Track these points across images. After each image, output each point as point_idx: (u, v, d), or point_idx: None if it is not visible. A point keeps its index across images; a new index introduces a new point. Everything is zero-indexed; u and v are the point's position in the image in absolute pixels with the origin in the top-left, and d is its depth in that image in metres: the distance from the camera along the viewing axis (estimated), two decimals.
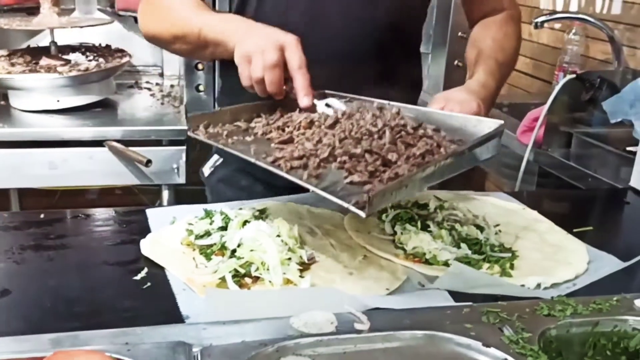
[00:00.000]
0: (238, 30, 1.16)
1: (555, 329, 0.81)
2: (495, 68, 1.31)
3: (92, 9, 2.73)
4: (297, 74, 1.09)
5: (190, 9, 1.27)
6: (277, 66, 1.08)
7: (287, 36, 1.10)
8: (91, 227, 1.11)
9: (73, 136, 2.18)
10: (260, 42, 1.10)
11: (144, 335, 0.76)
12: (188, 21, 1.25)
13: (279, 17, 1.30)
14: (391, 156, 0.96)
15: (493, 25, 1.41)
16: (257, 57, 1.09)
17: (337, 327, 0.79)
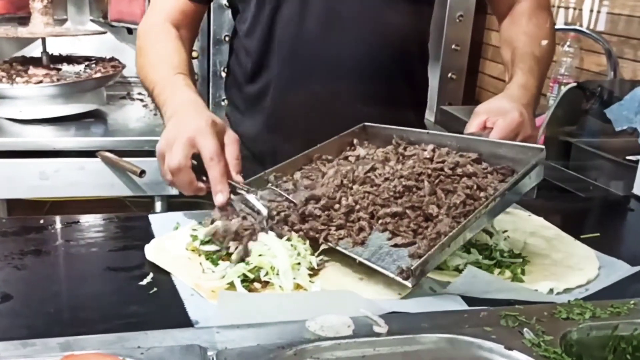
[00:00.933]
0: (167, 113, 1.10)
1: (576, 332, 0.79)
2: (534, 64, 1.25)
3: (85, 20, 2.71)
4: (209, 167, 1.01)
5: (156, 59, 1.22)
6: (181, 169, 1.01)
7: (196, 123, 1.02)
8: (92, 232, 1.08)
9: (64, 146, 2.14)
10: (169, 137, 1.03)
11: (156, 340, 0.73)
12: (149, 75, 1.21)
13: (295, 23, 1.29)
14: (432, 209, 0.96)
15: (522, 17, 1.33)
16: (166, 156, 1.02)
17: (354, 330, 0.77)
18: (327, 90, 1.31)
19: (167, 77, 1.18)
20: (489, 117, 1.13)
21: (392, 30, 1.31)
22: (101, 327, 0.79)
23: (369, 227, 0.97)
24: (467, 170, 1.02)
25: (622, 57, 2.08)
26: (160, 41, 1.27)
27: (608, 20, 2.21)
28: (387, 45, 1.31)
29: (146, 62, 1.25)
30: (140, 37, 1.31)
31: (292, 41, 1.30)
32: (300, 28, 1.28)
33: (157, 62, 1.23)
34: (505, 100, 1.17)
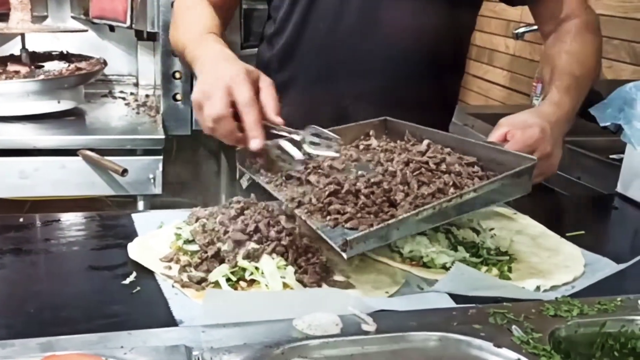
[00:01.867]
0: (200, 65, 1.10)
1: (564, 329, 0.79)
2: (572, 83, 1.21)
3: (66, 17, 2.67)
4: (243, 113, 1.00)
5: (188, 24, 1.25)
6: (222, 117, 1.00)
7: (231, 72, 1.02)
8: (74, 231, 1.06)
9: (45, 145, 2.11)
10: (205, 87, 1.03)
11: (139, 339, 0.71)
12: (180, 38, 1.24)
13: (333, 16, 1.28)
14: (398, 196, 0.96)
15: (567, 36, 1.29)
16: (206, 107, 1.02)
17: (342, 329, 0.76)
18: (355, 88, 1.31)
19: (198, 37, 1.19)
20: (510, 129, 1.11)
21: (427, 36, 1.29)
22: (83, 327, 0.77)
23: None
24: (453, 169, 1.02)
25: (604, 57, 2.10)
26: (193, 9, 1.29)
27: None
28: (421, 51, 1.30)
29: (178, 29, 1.27)
30: (175, 12, 1.35)
31: (326, 33, 1.30)
32: (337, 22, 1.28)
33: (189, 26, 1.25)
34: (531, 115, 1.15)
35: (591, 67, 1.27)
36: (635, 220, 1.34)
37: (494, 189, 0.97)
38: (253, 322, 0.76)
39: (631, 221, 1.35)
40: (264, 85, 1.05)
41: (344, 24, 1.29)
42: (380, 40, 1.29)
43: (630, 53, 2.04)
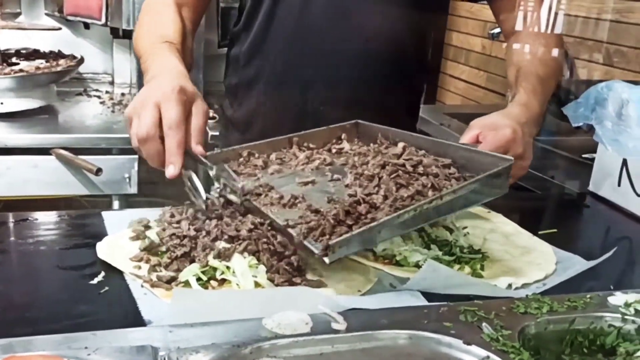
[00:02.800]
0: (148, 77, 1.07)
1: (533, 326, 0.79)
2: (537, 84, 1.22)
3: (39, 14, 2.63)
4: (166, 136, 0.96)
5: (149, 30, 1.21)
6: (147, 139, 0.95)
7: (168, 87, 0.98)
8: (42, 230, 1.04)
9: (17, 143, 2.07)
10: (137, 103, 0.99)
11: (105, 340, 0.70)
12: (139, 44, 1.20)
13: (299, 9, 1.28)
14: (376, 199, 0.96)
15: (529, 38, 1.31)
16: (134, 123, 0.98)
17: (312, 327, 0.75)
18: (322, 81, 1.31)
19: (153, 45, 1.16)
20: (482, 131, 1.11)
21: (394, 30, 1.30)
22: (48, 328, 0.75)
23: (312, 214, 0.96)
24: (430, 171, 1.02)
25: (578, 57, 2.13)
26: (157, 14, 1.26)
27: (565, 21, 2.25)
28: (387, 45, 1.30)
29: (139, 34, 1.24)
30: (140, 15, 1.31)
31: (293, 27, 1.29)
32: (303, 15, 1.28)
33: (148, 32, 1.22)
34: (502, 116, 1.15)
35: (554, 68, 1.28)
36: (606, 219, 1.35)
37: (473, 189, 0.97)
38: (222, 321, 0.75)
39: (602, 219, 1.36)
40: (196, 112, 1.01)
41: (310, 18, 1.29)
42: (346, 32, 1.29)
43: (603, 54, 2.07)
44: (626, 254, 1.19)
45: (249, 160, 1.13)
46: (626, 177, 1.31)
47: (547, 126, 1.72)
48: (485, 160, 1.03)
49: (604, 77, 1.95)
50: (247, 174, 1.09)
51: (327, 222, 0.90)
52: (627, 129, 1.22)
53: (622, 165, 1.31)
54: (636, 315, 0.84)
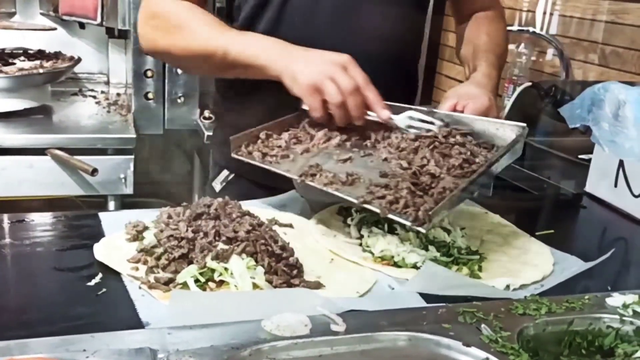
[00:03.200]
0: (278, 54, 1.14)
1: (532, 328, 0.79)
2: (495, 60, 1.35)
3: (34, 13, 2.62)
4: (367, 90, 1.09)
5: (209, 27, 1.22)
6: (356, 89, 1.08)
7: (343, 56, 1.10)
8: (39, 231, 1.04)
9: (12, 143, 2.07)
10: (322, 68, 1.09)
11: (103, 342, 0.70)
12: (210, 41, 1.20)
13: (307, 13, 1.30)
14: (434, 170, 1.04)
15: (485, 20, 1.45)
16: (328, 85, 1.08)
17: (311, 329, 0.75)
18: None
19: (236, 35, 1.20)
20: (459, 100, 1.21)
21: (397, 29, 1.35)
22: (45, 330, 0.75)
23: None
24: (458, 140, 1.11)
25: (573, 58, 2.13)
26: (195, 14, 1.25)
27: (560, 22, 2.26)
28: (391, 44, 1.35)
29: (197, 33, 1.22)
30: (165, 16, 1.27)
31: (300, 28, 1.30)
32: (312, 18, 1.30)
33: (210, 29, 1.22)
34: (473, 86, 1.27)
35: (504, 49, 1.44)
36: (603, 219, 1.36)
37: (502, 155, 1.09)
38: (220, 323, 0.75)
39: (599, 220, 1.37)
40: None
41: (317, 21, 1.29)
42: (353, 34, 1.30)
43: (598, 55, 2.08)
44: (623, 254, 1.19)
45: (267, 142, 1.17)
46: (623, 178, 1.31)
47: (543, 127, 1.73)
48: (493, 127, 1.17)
49: (599, 78, 1.95)
50: (278, 155, 1.13)
51: (404, 194, 0.96)
52: (623, 130, 1.22)
53: (619, 166, 1.31)
54: (634, 317, 0.84)
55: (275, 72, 1.13)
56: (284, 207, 1.21)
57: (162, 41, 1.27)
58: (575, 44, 2.16)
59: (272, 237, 0.96)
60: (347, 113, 1.11)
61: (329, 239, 1.08)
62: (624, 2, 2.00)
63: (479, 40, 1.40)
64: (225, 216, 0.99)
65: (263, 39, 1.19)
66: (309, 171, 1.06)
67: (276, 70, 1.12)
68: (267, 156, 1.13)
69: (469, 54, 1.40)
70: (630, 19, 1.97)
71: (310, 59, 1.11)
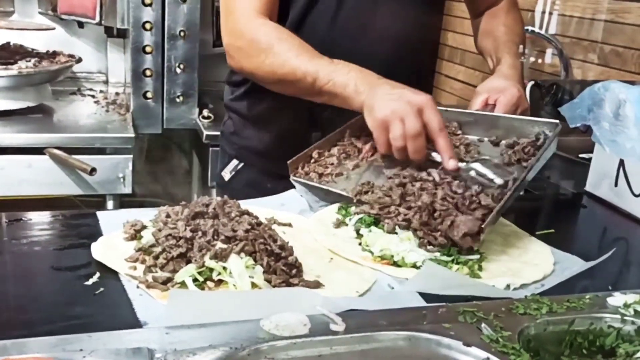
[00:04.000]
0: (364, 88, 1.14)
1: (533, 327, 0.79)
2: (516, 50, 1.39)
3: (33, 12, 2.62)
4: (439, 136, 1.09)
5: (297, 53, 1.21)
6: (420, 135, 1.08)
7: (422, 97, 1.11)
8: (36, 230, 1.03)
9: (10, 142, 2.06)
10: (396, 107, 1.09)
11: (100, 342, 0.69)
12: (298, 68, 1.20)
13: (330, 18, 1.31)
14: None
15: (500, 12, 1.47)
16: (396, 125, 1.08)
17: (310, 329, 0.75)
18: None
19: (327, 64, 1.20)
20: (490, 95, 1.25)
21: (415, 29, 1.37)
22: (43, 330, 0.74)
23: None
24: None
25: (573, 57, 2.13)
26: (283, 36, 1.24)
27: (560, 22, 2.25)
28: (411, 43, 1.37)
29: (285, 58, 1.21)
30: (249, 38, 1.26)
31: (324, 34, 1.31)
32: (334, 23, 1.31)
33: (300, 54, 1.21)
34: (502, 79, 1.30)
35: (523, 38, 1.46)
36: (603, 219, 1.35)
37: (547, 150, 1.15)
38: (219, 323, 0.74)
39: (599, 220, 1.36)
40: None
41: (340, 26, 1.31)
42: (375, 37, 1.32)
43: (598, 54, 2.07)
44: (623, 254, 1.18)
45: (320, 160, 1.23)
46: (623, 177, 1.31)
47: None
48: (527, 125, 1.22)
49: (599, 78, 1.95)
50: (333, 174, 1.19)
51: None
52: (624, 130, 1.22)
53: (619, 165, 1.31)
54: (635, 316, 0.83)
55: (358, 104, 1.15)
56: (283, 206, 1.20)
57: (247, 63, 1.27)
58: (575, 43, 2.15)
59: (271, 236, 0.95)
60: (407, 155, 1.11)
61: (328, 238, 1.08)
62: (623, 1, 1.99)
63: (498, 32, 1.42)
64: (224, 215, 0.99)
65: (352, 69, 1.18)
66: (362, 189, 1.13)
67: (359, 102, 1.15)
68: (322, 176, 1.18)
69: (490, 46, 1.42)
70: (630, 18, 1.97)
71: (391, 96, 1.11)
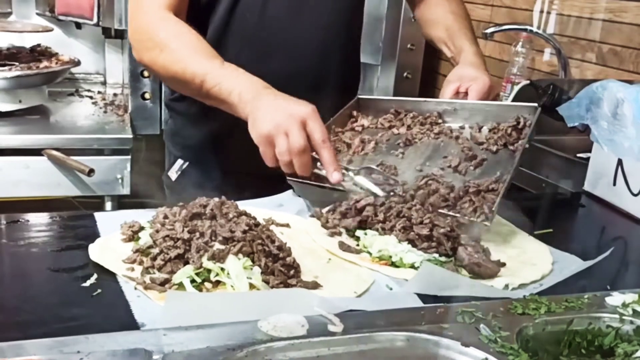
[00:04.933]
0: (250, 96, 1.11)
1: (531, 327, 0.79)
2: (472, 36, 1.42)
3: (30, 13, 2.61)
4: (322, 149, 1.07)
5: (190, 52, 1.19)
6: (305, 150, 1.06)
7: (305, 108, 1.08)
8: (33, 232, 1.03)
9: (8, 144, 2.06)
10: (279, 121, 1.07)
11: (97, 343, 0.69)
12: (189, 67, 1.17)
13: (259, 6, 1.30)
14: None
15: (441, 0, 1.48)
16: (281, 140, 1.06)
17: (308, 330, 0.74)
18: (284, 72, 1.32)
19: (217, 67, 1.17)
20: (461, 83, 1.27)
21: (343, 16, 1.37)
22: (39, 332, 0.74)
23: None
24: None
25: (571, 57, 2.13)
26: (182, 33, 1.22)
27: (558, 21, 2.25)
28: (339, 30, 1.37)
29: (177, 56, 1.19)
30: (148, 32, 1.24)
31: (254, 23, 1.30)
32: (264, 11, 1.30)
33: (193, 53, 1.19)
34: (471, 68, 1.32)
35: (470, 21, 1.49)
36: (601, 218, 1.35)
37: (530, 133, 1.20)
38: (216, 324, 0.74)
39: (598, 219, 1.36)
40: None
41: (269, 14, 1.30)
42: (305, 25, 1.32)
43: (596, 53, 2.07)
44: (622, 253, 1.18)
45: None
46: (621, 177, 1.31)
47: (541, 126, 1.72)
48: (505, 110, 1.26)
49: (597, 77, 1.95)
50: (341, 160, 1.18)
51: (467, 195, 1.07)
52: (622, 129, 1.22)
53: (617, 164, 1.30)
54: (634, 316, 0.83)
55: (242, 114, 1.12)
56: (281, 207, 1.20)
57: (144, 56, 1.25)
58: (573, 42, 2.15)
59: (269, 237, 0.95)
60: (294, 169, 1.09)
61: (326, 238, 1.07)
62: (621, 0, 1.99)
63: (447, 20, 1.44)
64: (222, 216, 0.98)
65: (241, 75, 1.16)
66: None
67: (244, 112, 1.12)
68: (319, 177, 1.15)
69: (444, 35, 1.43)
70: (627, 17, 1.97)
71: (275, 108, 1.09)
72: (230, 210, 1.01)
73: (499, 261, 1.03)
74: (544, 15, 2.31)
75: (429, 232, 1.02)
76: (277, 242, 0.95)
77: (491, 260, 1.02)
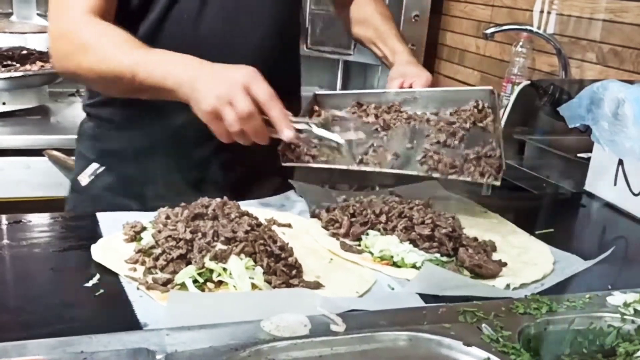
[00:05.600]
0: (186, 76, 1.05)
1: (533, 327, 0.79)
2: (400, 35, 1.46)
3: (31, 14, 2.61)
4: (270, 107, 1.02)
5: (116, 46, 1.12)
6: (253, 114, 1.01)
7: (244, 71, 1.03)
8: (35, 232, 1.03)
9: (9, 144, 2.06)
10: (221, 92, 1.01)
11: (100, 343, 0.69)
12: (117, 63, 1.10)
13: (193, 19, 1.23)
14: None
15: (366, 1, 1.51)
16: (227, 111, 1.01)
17: (311, 329, 0.75)
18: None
19: (148, 54, 1.11)
20: (404, 79, 1.31)
21: (280, 24, 1.33)
22: (42, 332, 0.74)
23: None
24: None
25: (571, 57, 2.13)
26: (107, 32, 1.16)
27: (558, 21, 2.25)
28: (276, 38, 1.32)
29: (103, 54, 1.13)
30: (70, 36, 1.16)
31: (188, 32, 1.24)
32: (199, 19, 1.23)
33: (119, 48, 1.12)
34: (410, 66, 1.37)
35: (394, 22, 1.52)
36: (602, 218, 1.35)
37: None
38: (219, 324, 0.75)
39: (599, 219, 1.36)
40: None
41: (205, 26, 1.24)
42: (241, 35, 1.27)
43: (597, 53, 2.07)
44: (623, 253, 1.18)
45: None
46: (622, 176, 1.31)
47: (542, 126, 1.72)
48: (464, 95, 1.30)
49: (598, 77, 1.95)
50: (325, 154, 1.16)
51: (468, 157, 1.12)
52: (623, 129, 1.22)
53: (618, 164, 1.31)
54: (635, 315, 0.84)
55: (183, 97, 1.06)
56: (283, 207, 1.20)
57: (67, 63, 1.17)
58: (574, 42, 2.15)
59: (271, 237, 0.95)
60: (249, 138, 1.04)
61: (328, 238, 1.08)
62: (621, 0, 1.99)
63: (375, 20, 1.47)
64: (224, 216, 0.99)
65: (174, 57, 1.09)
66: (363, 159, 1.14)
67: (185, 95, 1.05)
68: (316, 157, 1.13)
69: (373, 35, 1.47)
70: (628, 17, 1.97)
71: (213, 80, 1.04)
72: (232, 211, 1.01)
73: (500, 261, 1.03)
74: (544, 15, 2.31)
75: (431, 232, 1.02)
76: (279, 242, 0.95)
77: (492, 261, 1.02)
